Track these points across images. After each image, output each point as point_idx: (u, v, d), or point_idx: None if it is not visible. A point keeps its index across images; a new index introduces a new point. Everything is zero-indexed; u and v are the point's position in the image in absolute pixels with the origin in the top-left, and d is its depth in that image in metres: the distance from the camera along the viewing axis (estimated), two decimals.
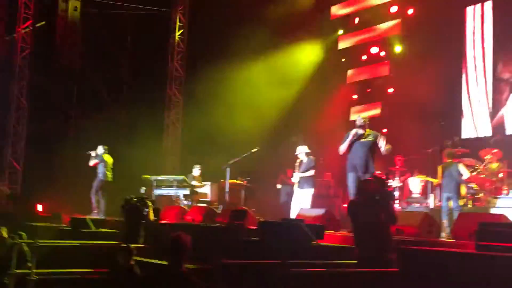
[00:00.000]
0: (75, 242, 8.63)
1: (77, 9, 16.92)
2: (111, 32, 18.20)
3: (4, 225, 8.60)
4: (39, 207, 14.35)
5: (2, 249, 7.64)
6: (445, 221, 8.58)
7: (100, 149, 13.15)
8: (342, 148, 8.90)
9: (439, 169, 9.51)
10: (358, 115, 9.61)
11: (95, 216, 12.10)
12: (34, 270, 7.17)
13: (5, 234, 8.25)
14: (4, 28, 16.38)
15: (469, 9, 13.74)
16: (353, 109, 15.72)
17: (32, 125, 15.83)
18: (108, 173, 13.01)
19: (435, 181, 10.18)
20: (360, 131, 8.85)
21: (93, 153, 13.15)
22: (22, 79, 15.27)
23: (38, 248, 7.47)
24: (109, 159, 13.13)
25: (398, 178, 12.31)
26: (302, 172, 10.79)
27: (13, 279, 7.32)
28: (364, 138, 8.84)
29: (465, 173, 9.14)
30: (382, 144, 8.81)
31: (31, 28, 15.37)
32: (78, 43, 17.14)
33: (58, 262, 8.00)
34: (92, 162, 13.09)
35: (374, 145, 8.85)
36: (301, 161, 10.87)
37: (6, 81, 15.64)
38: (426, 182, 11.85)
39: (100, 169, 13.03)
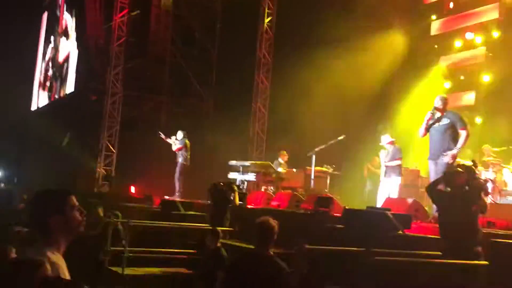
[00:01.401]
0: (166, 224, 9.00)
1: None
2: (201, 20, 18.66)
3: (100, 205, 9.12)
4: (132, 189, 15.05)
5: (98, 227, 8.11)
6: None
7: (180, 134, 13.52)
8: (420, 132, 8.36)
9: None
10: (438, 96, 8.48)
11: (177, 198, 12.50)
12: (128, 248, 7.57)
13: (101, 213, 8.75)
14: (103, 17, 17.19)
15: None
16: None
17: (126, 109, 16.54)
18: (189, 157, 13.39)
19: None
20: (437, 114, 8.17)
21: (173, 139, 13.57)
22: (117, 66, 15.94)
23: (132, 227, 7.87)
24: (188, 143, 13.50)
25: (491, 169, 11.81)
26: (389, 161, 10.61)
27: (108, 255, 7.77)
28: (439, 122, 8.17)
29: None
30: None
31: (127, 16, 15.98)
32: (170, 32, 17.70)
33: (150, 241, 8.40)
34: (175, 147, 13.51)
35: (451, 129, 8.06)
36: (388, 150, 10.69)
37: (104, 67, 16.41)
38: None
39: (182, 154, 13.42)
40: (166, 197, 12.74)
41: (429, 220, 7.83)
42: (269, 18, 16.87)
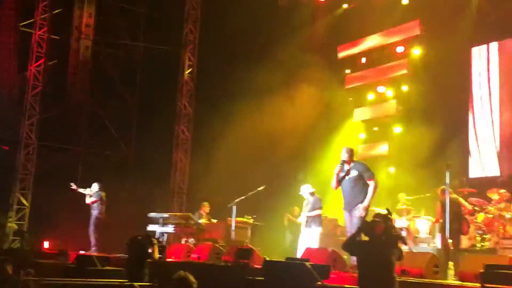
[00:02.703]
0: (81, 280, 8.60)
1: (88, 49, 17.29)
2: (121, 70, 18.55)
3: (9, 262, 8.61)
4: (46, 244, 14.37)
5: (7, 286, 7.63)
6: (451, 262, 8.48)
7: (95, 186, 13.16)
8: (332, 185, 8.60)
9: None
10: (344, 148, 8.74)
11: (93, 252, 12.08)
12: None
13: (10, 271, 8.25)
14: (17, 66, 16.71)
15: (475, 50, 13.89)
16: (360, 147, 15.76)
17: (41, 161, 15.95)
18: (104, 210, 13.03)
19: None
20: (346, 166, 8.43)
21: (88, 190, 13.18)
22: (32, 116, 15.45)
23: (45, 286, 7.46)
24: (103, 195, 13.15)
25: (405, 217, 12.26)
26: (309, 211, 10.77)
27: None
28: (349, 174, 8.39)
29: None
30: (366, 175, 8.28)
31: (43, 66, 15.63)
32: (88, 82, 17.44)
33: None
34: (89, 200, 13.10)
35: (359, 179, 8.31)
36: (308, 200, 10.87)
37: (17, 117, 15.84)
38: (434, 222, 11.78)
39: (98, 207, 13.05)
40: (82, 252, 12.25)
41: (347, 270, 7.97)
42: (189, 70, 17.01)
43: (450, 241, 8.82)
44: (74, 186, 13.34)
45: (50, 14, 15.93)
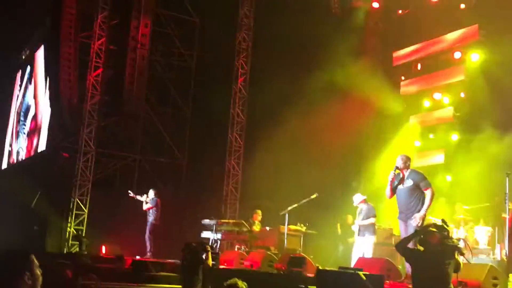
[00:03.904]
0: (136, 285, 8.80)
1: (145, 58, 17.69)
2: (176, 79, 18.92)
3: (70, 266, 8.90)
4: (103, 249, 14.75)
5: None
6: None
7: (151, 193, 13.47)
8: (387, 193, 8.41)
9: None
10: (399, 156, 8.51)
11: (149, 258, 12.32)
12: None
13: (69, 275, 8.51)
14: (77, 76, 17.28)
15: None
16: (415, 155, 15.45)
17: (99, 168, 16.39)
18: (159, 216, 13.31)
19: None
20: (401, 174, 8.23)
21: (144, 197, 13.49)
22: (90, 124, 15.90)
23: None
24: (159, 202, 13.43)
25: (463, 227, 11.93)
26: (362, 219, 10.65)
27: None
28: (402, 183, 8.22)
29: None
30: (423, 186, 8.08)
31: (101, 75, 16.09)
32: (144, 90, 17.85)
33: None
34: (145, 206, 13.43)
35: (415, 189, 8.08)
36: (361, 208, 10.75)
37: (76, 125, 16.35)
38: (493, 232, 11.43)
39: (153, 213, 13.34)
40: (138, 257, 12.51)
41: (402, 280, 7.82)
42: (242, 77, 17.16)
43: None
44: (131, 194, 13.68)
45: (108, 25, 16.43)
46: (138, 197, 13.63)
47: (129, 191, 13.79)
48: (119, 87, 17.67)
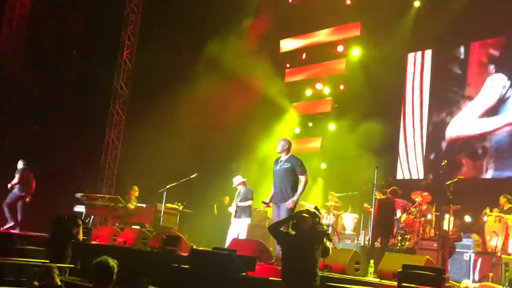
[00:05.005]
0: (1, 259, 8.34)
1: (24, 18, 16.62)
2: (58, 44, 17.94)
3: None
4: None
5: None
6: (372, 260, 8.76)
7: (20, 164, 12.61)
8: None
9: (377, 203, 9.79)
10: (281, 139, 8.71)
11: (13, 229, 11.64)
12: None
13: None
14: None
15: (411, 55, 14.36)
16: (295, 141, 15.95)
17: None
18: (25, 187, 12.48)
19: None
20: (283, 157, 8.44)
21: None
22: None
23: None
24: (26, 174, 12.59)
25: (332, 213, 12.58)
26: (240, 201, 10.83)
27: None
28: (280, 166, 8.48)
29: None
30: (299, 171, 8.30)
31: None
32: (21, 54, 16.77)
33: None
34: (14, 181, 12.47)
35: (291, 171, 8.31)
36: (240, 190, 10.93)
37: None
38: (359, 219, 12.19)
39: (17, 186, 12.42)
40: (1, 228, 11.81)
41: (272, 262, 8.08)
42: (128, 50, 16.66)
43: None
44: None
45: None
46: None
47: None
48: None
